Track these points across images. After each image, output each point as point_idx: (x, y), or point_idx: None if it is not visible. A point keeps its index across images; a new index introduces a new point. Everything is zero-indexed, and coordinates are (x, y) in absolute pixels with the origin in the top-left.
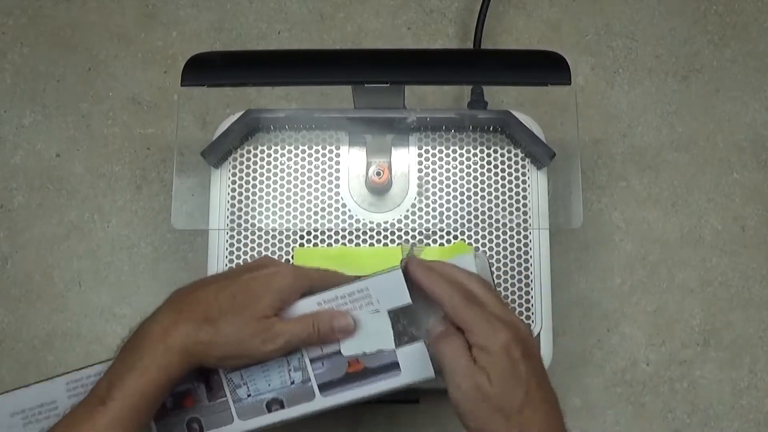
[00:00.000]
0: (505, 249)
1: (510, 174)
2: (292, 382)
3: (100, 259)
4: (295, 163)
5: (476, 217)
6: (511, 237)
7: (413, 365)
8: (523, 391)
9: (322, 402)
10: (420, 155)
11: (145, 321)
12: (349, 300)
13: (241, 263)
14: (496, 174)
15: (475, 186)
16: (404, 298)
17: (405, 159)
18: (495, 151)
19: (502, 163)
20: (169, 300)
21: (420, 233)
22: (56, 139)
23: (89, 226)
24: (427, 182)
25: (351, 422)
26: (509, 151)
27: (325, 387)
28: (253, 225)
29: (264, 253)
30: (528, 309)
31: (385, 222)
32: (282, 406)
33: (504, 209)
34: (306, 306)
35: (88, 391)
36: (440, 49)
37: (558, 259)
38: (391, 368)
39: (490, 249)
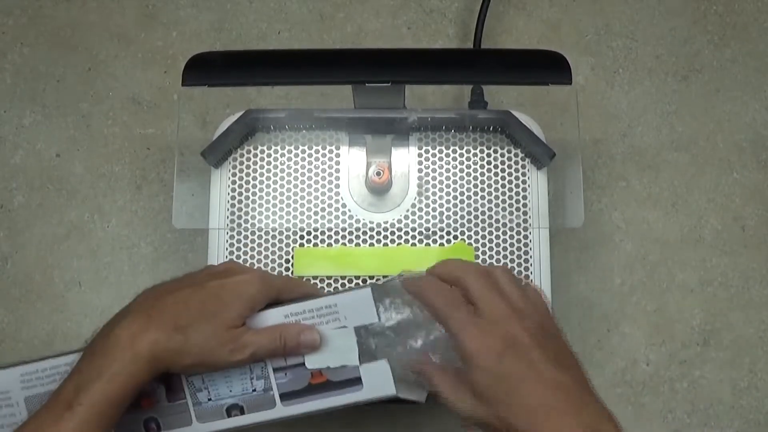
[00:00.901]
0: (505, 249)
1: (510, 174)
2: (254, 390)
3: (100, 259)
4: (295, 163)
5: (476, 216)
6: (511, 237)
7: (376, 381)
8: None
9: (282, 411)
10: (420, 155)
11: (112, 324)
12: (317, 315)
13: (241, 263)
14: (496, 174)
15: (475, 186)
16: (372, 316)
17: (405, 159)
18: (495, 151)
19: (502, 163)
20: (137, 304)
21: (420, 233)
22: (56, 139)
23: (89, 226)
24: (427, 182)
25: (351, 422)
26: (509, 151)
27: (286, 396)
28: (253, 225)
29: (264, 253)
30: None
31: (385, 222)
32: (242, 412)
33: (504, 209)
34: (273, 317)
35: (44, 384)
36: (441, 49)
37: (558, 259)
38: (354, 383)
39: (490, 249)
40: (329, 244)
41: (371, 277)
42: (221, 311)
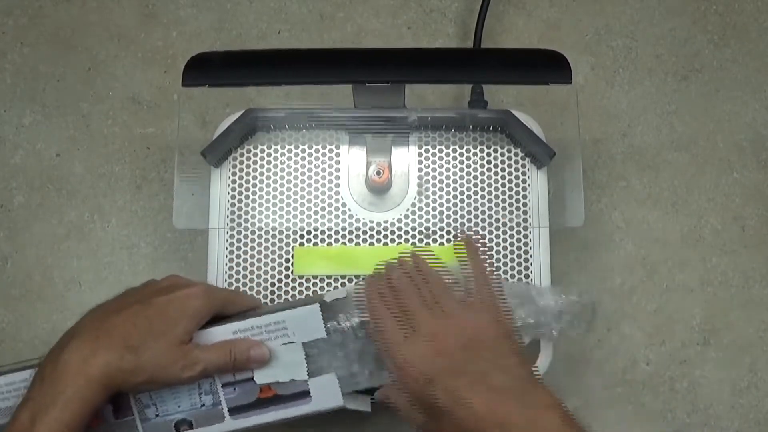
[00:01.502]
0: (505, 248)
1: (510, 173)
2: (202, 405)
3: (100, 259)
4: (295, 162)
5: (476, 216)
6: (511, 236)
7: (324, 394)
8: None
9: (231, 424)
10: (420, 154)
11: (60, 348)
12: (265, 331)
13: (241, 263)
14: (496, 173)
15: (475, 185)
16: (320, 332)
17: (405, 158)
18: (495, 151)
19: (502, 162)
20: (84, 325)
21: (420, 233)
22: (56, 139)
23: (89, 226)
24: (427, 181)
25: (351, 421)
26: (509, 151)
27: (235, 410)
28: (253, 224)
29: (264, 252)
30: None
31: (385, 221)
32: (191, 427)
33: (504, 208)
34: (222, 333)
35: (2, 401)
36: (441, 49)
37: (558, 258)
38: (302, 396)
39: (490, 249)
40: (329, 244)
41: None
42: (170, 328)
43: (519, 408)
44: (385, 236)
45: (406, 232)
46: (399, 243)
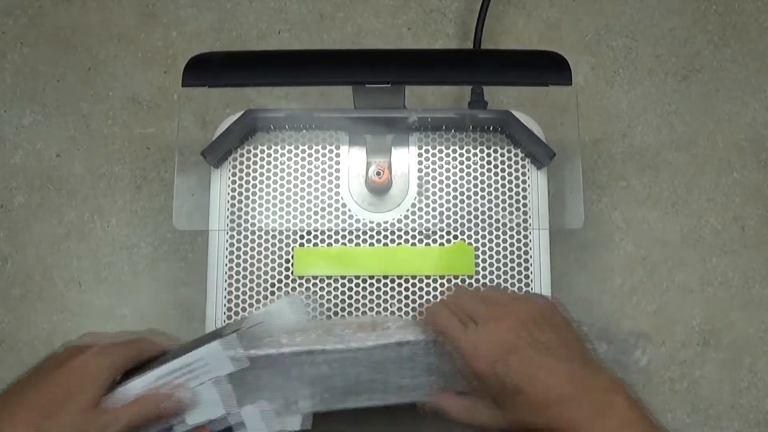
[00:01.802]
0: (505, 249)
1: (510, 174)
2: None
3: (100, 259)
4: (295, 163)
5: (476, 216)
6: (511, 237)
7: (258, 422)
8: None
9: None
10: (420, 155)
11: None
12: (186, 371)
13: (241, 263)
14: (496, 174)
15: (475, 186)
16: (228, 366)
17: (405, 159)
18: (495, 151)
19: (502, 163)
20: None
21: (420, 233)
22: (56, 139)
23: (89, 226)
24: (427, 182)
25: (350, 421)
26: (509, 151)
27: None
28: (253, 225)
29: (264, 253)
30: None
31: (385, 222)
32: None
33: (504, 209)
34: (143, 384)
35: None
36: (441, 50)
37: (558, 259)
38: (238, 427)
39: (490, 249)
40: (329, 244)
41: (371, 277)
42: (72, 398)
43: (585, 385)
44: (385, 237)
45: (406, 233)
46: (399, 243)
